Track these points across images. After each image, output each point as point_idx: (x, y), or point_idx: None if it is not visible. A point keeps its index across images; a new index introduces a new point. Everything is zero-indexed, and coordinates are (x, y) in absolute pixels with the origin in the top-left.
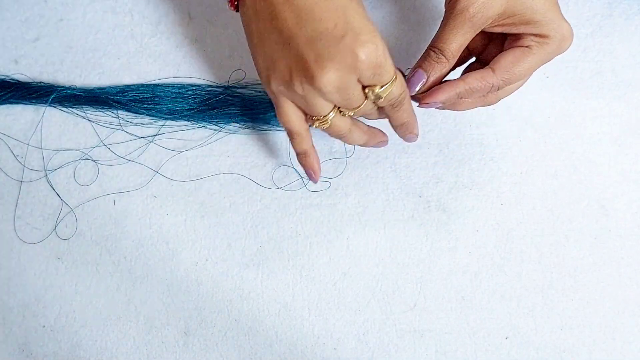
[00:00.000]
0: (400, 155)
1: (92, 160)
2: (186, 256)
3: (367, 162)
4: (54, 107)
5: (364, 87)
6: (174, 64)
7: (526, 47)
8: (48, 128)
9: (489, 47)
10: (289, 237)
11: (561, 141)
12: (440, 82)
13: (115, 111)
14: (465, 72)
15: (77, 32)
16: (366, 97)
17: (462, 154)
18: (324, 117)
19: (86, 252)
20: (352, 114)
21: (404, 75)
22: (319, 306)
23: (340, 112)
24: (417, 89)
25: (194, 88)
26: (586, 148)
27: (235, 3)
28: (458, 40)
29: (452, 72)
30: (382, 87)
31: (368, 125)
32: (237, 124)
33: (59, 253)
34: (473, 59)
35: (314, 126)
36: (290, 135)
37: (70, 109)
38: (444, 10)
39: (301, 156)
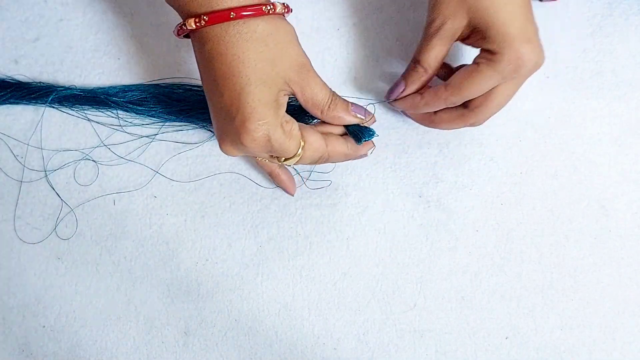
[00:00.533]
0: (400, 155)
1: (92, 160)
2: (186, 256)
3: (367, 162)
4: (54, 107)
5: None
6: (174, 64)
7: (475, 64)
8: (48, 128)
9: None
10: (289, 237)
11: (561, 141)
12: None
13: (115, 111)
14: None
15: (77, 32)
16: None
17: (462, 154)
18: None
19: (86, 252)
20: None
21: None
22: (319, 306)
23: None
24: (394, 96)
25: (194, 88)
26: (586, 148)
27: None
28: (431, 52)
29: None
30: (285, 159)
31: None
32: None
33: (59, 253)
34: None
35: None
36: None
37: (70, 109)
38: None
39: (271, 177)
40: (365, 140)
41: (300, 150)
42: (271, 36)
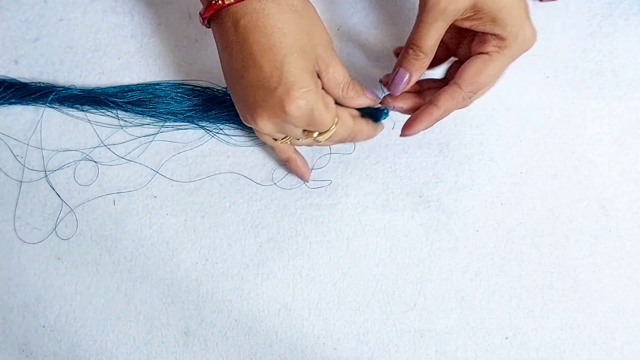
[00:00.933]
0: (400, 155)
1: (92, 160)
2: (186, 256)
3: (367, 162)
4: (54, 107)
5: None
6: (174, 64)
7: (486, 54)
8: (48, 128)
9: (462, 44)
10: (289, 237)
11: (561, 141)
12: (419, 80)
13: (115, 111)
14: (448, 70)
15: (77, 32)
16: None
17: (462, 154)
18: (280, 140)
19: (86, 252)
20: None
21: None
22: (319, 306)
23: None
24: (402, 88)
25: (194, 88)
26: (586, 148)
27: (207, 21)
28: (433, 35)
29: (435, 71)
30: (319, 134)
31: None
32: (237, 124)
33: (59, 253)
34: (454, 59)
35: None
36: (270, 147)
37: (70, 109)
38: (418, 8)
39: (285, 163)
40: (383, 119)
41: (334, 126)
42: (305, 10)
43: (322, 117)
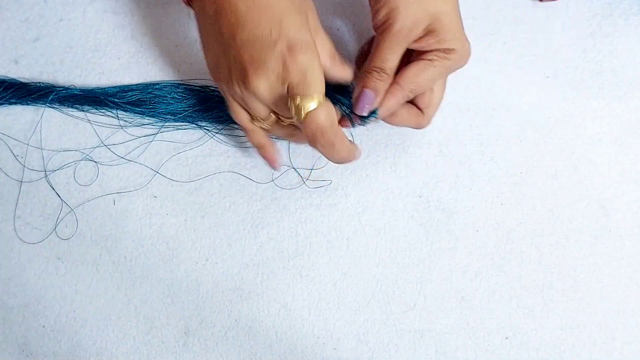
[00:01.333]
0: (400, 155)
1: (92, 160)
2: (186, 256)
3: (367, 162)
4: (54, 107)
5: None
6: (174, 64)
7: (429, 60)
8: (48, 128)
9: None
10: (289, 237)
11: (561, 141)
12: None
13: (115, 111)
14: None
15: (77, 32)
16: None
17: (462, 154)
18: (262, 120)
19: (86, 252)
20: (288, 122)
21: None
22: (319, 306)
23: (281, 119)
24: (368, 108)
25: (194, 88)
26: (586, 148)
27: None
28: (396, 58)
29: None
30: (303, 99)
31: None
32: (237, 124)
33: (59, 253)
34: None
35: (257, 126)
36: (243, 130)
37: (70, 109)
38: (375, 31)
39: (257, 149)
40: (370, 119)
41: (314, 103)
42: None
43: (316, 76)
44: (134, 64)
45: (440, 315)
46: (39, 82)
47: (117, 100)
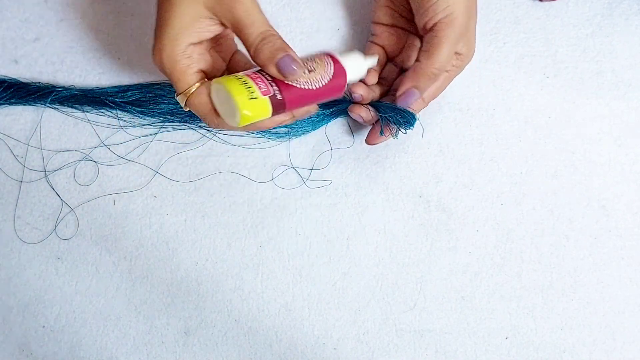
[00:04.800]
0: (400, 155)
1: (92, 160)
2: (186, 256)
3: (367, 162)
4: (54, 107)
5: None
6: None
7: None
8: (48, 128)
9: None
10: (289, 237)
11: (561, 141)
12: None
13: (114, 111)
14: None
15: (77, 32)
16: None
17: (462, 154)
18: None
19: (86, 252)
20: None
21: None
22: (319, 306)
23: None
24: (412, 105)
25: None
26: (586, 148)
27: None
28: (448, 57)
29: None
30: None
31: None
32: None
33: (59, 253)
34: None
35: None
36: None
37: (70, 109)
38: (426, 31)
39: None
40: (406, 128)
41: (189, 89)
42: None
43: (173, 72)
44: (134, 64)
45: (440, 315)
46: (39, 82)
47: (117, 100)
